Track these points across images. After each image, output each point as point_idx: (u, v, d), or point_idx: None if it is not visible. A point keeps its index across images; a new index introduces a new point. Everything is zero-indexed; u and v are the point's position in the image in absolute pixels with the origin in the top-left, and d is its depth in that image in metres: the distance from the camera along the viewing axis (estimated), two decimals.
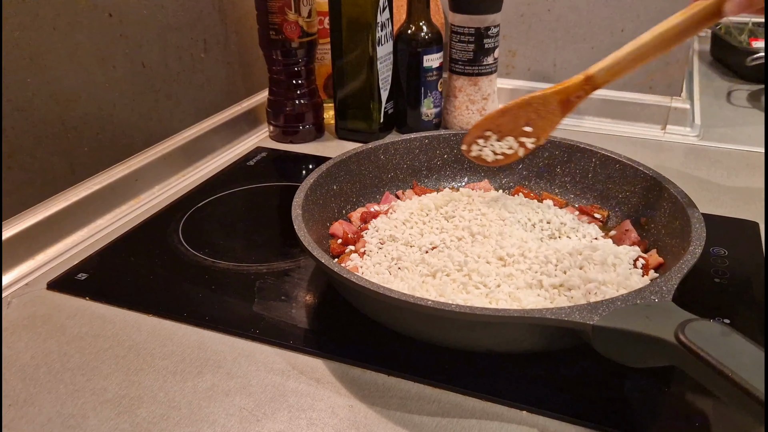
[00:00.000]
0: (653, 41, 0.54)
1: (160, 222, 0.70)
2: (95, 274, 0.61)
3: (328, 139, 0.93)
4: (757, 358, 0.36)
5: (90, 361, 0.50)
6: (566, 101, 0.60)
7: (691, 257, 0.48)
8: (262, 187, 0.78)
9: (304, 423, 0.45)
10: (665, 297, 0.43)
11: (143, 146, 0.78)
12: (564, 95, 0.60)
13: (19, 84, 0.62)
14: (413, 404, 0.46)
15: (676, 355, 0.37)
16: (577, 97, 0.59)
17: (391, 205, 0.65)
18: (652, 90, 0.94)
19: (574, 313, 0.41)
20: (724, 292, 0.56)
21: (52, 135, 0.66)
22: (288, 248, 0.64)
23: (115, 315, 0.56)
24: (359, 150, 0.67)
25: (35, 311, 0.56)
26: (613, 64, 0.56)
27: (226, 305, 0.56)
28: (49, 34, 0.64)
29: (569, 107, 0.60)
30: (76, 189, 0.69)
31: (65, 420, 0.45)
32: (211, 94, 0.89)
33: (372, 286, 0.45)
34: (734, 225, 0.67)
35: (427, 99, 0.89)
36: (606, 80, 0.57)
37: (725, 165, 0.83)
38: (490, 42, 0.85)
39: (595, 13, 0.92)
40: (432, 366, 0.49)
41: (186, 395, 0.47)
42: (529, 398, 0.46)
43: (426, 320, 0.46)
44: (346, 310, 0.53)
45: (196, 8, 0.83)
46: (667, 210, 0.58)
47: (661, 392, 0.46)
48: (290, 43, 0.84)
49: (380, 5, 0.82)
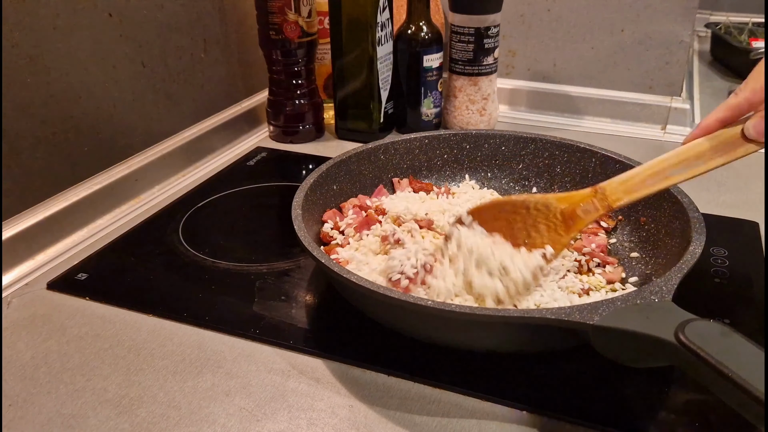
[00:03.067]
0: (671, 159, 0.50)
1: (160, 222, 0.70)
2: (95, 274, 0.61)
3: (328, 139, 0.93)
4: (757, 358, 0.36)
5: (90, 361, 0.50)
6: (572, 214, 0.52)
7: (691, 257, 0.48)
8: (262, 187, 0.78)
9: (304, 423, 0.45)
10: (665, 297, 0.43)
11: (143, 146, 0.78)
12: (568, 204, 0.52)
13: (19, 84, 0.61)
14: (413, 404, 0.46)
15: (676, 355, 0.37)
16: (585, 212, 0.51)
17: (381, 200, 0.66)
18: (652, 90, 0.94)
19: (574, 313, 0.41)
20: (724, 292, 0.57)
21: (52, 135, 0.66)
22: (288, 248, 0.64)
23: (115, 315, 0.56)
24: (359, 150, 0.67)
25: (35, 311, 0.56)
26: (627, 178, 0.51)
27: (226, 305, 0.56)
28: (49, 34, 0.64)
29: (575, 224, 0.52)
30: (76, 189, 0.69)
31: (65, 420, 0.45)
32: (211, 94, 0.89)
33: (372, 286, 0.45)
34: (734, 225, 0.67)
35: (427, 99, 0.89)
36: (620, 197, 0.51)
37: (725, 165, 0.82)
38: (490, 42, 0.85)
39: (595, 13, 0.92)
40: (432, 366, 0.49)
41: (186, 395, 0.47)
42: (529, 398, 0.46)
43: (426, 320, 0.46)
44: (346, 310, 0.53)
45: (196, 8, 0.83)
46: (667, 210, 0.58)
47: (661, 392, 0.46)
48: (290, 43, 0.84)
49: (380, 5, 0.82)
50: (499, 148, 0.71)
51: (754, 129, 0.47)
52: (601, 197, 0.52)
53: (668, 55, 0.91)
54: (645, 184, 0.51)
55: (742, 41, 1.20)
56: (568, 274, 0.56)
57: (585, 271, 0.57)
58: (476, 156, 0.72)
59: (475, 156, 0.72)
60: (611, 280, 0.56)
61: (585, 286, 0.54)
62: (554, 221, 0.52)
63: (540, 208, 0.53)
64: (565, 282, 0.54)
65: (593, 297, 0.53)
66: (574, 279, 0.55)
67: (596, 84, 0.97)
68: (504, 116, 0.98)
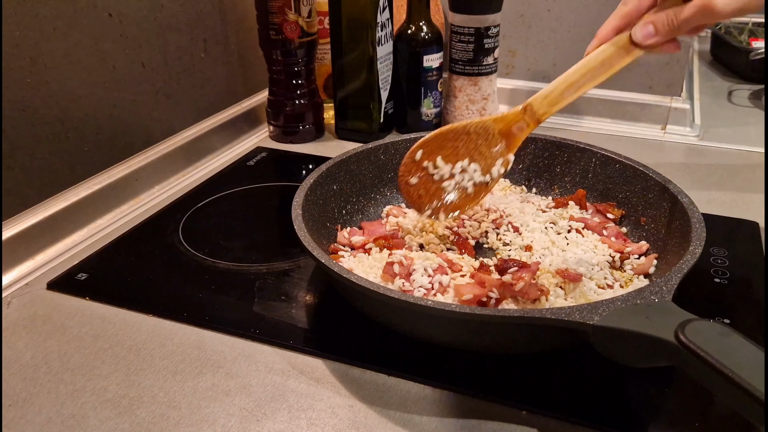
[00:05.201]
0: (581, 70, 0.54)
1: (160, 222, 0.70)
2: (95, 274, 0.61)
3: (328, 139, 0.93)
4: (757, 358, 0.36)
5: (90, 361, 0.50)
6: (508, 133, 0.57)
7: (691, 257, 0.48)
8: (262, 187, 0.78)
9: (304, 423, 0.45)
10: (665, 297, 0.43)
11: (143, 146, 0.78)
12: (503, 124, 0.57)
13: (19, 84, 0.62)
14: (413, 404, 0.46)
15: (676, 355, 0.37)
16: (519, 129, 0.56)
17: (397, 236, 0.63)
18: (652, 90, 0.94)
19: (574, 313, 0.41)
20: (724, 292, 0.56)
21: (52, 135, 0.66)
22: (288, 248, 0.64)
23: (115, 315, 0.56)
24: (359, 150, 0.67)
25: (35, 311, 0.56)
26: (548, 92, 0.55)
27: (226, 305, 0.56)
28: (49, 34, 0.64)
29: (513, 141, 0.57)
30: (76, 189, 0.69)
31: (65, 420, 0.45)
32: (211, 94, 0.89)
33: (372, 286, 0.45)
34: (734, 225, 0.67)
35: (427, 99, 0.89)
36: (546, 110, 0.55)
37: (725, 165, 0.83)
38: (490, 42, 0.85)
39: (595, 13, 0.92)
40: (432, 366, 0.49)
41: (186, 395, 0.47)
42: (529, 398, 0.46)
43: (426, 320, 0.46)
44: (346, 310, 0.53)
45: (196, 8, 0.83)
46: (667, 210, 0.58)
47: (661, 392, 0.46)
48: (290, 43, 0.84)
49: (380, 5, 0.82)
50: None
51: (640, 33, 0.51)
52: (530, 113, 0.56)
53: (668, 55, 0.91)
54: (563, 95, 0.54)
55: (742, 41, 1.20)
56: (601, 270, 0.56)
57: (617, 267, 0.58)
58: None
59: None
60: (641, 272, 0.56)
61: (611, 281, 0.55)
62: (494, 141, 0.57)
63: (479, 131, 0.57)
64: (595, 273, 0.56)
65: (605, 294, 0.53)
66: (607, 273, 0.56)
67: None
68: None
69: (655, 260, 0.57)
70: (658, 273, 0.56)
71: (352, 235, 0.61)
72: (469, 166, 0.57)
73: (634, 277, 0.56)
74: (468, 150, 0.58)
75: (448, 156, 0.58)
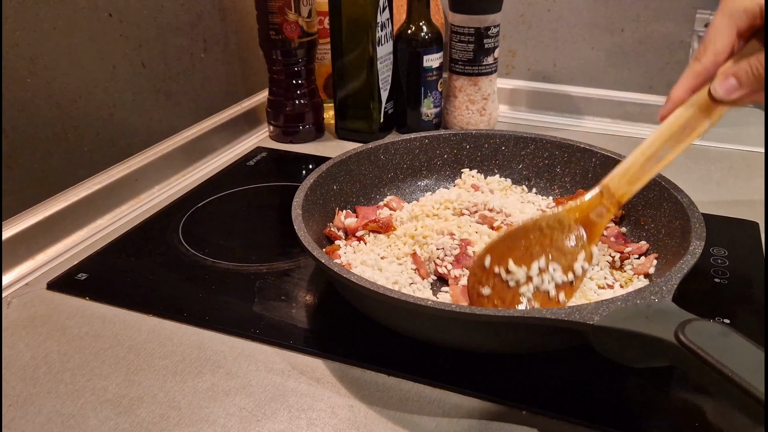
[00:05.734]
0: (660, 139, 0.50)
1: (160, 222, 0.70)
2: (95, 274, 0.61)
3: (328, 139, 0.93)
4: (757, 358, 0.36)
5: (90, 361, 0.50)
6: (587, 221, 0.51)
7: (691, 257, 0.48)
8: (262, 187, 0.78)
9: (304, 423, 0.45)
10: (665, 297, 0.43)
11: (143, 146, 0.78)
12: (580, 213, 0.51)
13: (19, 84, 0.62)
14: (413, 404, 0.46)
15: (676, 355, 0.37)
16: (599, 215, 0.51)
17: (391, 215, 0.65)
18: (652, 90, 0.94)
19: (574, 313, 0.41)
20: (724, 292, 0.56)
21: (52, 135, 0.66)
22: (288, 248, 0.64)
23: (115, 315, 0.56)
24: (359, 150, 0.67)
25: (35, 311, 0.56)
26: (625, 169, 0.51)
27: (226, 305, 0.56)
28: (49, 34, 0.64)
29: (594, 230, 0.51)
30: (76, 189, 0.69)
31: (65, 420, 0.45)
32: (211, 94, 0.89)
33: (372, 286, 0.45)
34: (734, 225, 0.67)
35: (427, 99, 0.89)
36: (625, 191, 0.51)
37: (725, 165, 0.83)
38: (490, 42, 0.85)
39: (595, 13, 0.92)
40: (432, 366, 0.49)
41: (186, 395, 0.47)
42: (529, 398, 0.46)
43: (426, 320, 0.46)
44: (346, 310, 0.53)
45: (196, 8, 0.83)
46: (667, 210, 0.58)
47: (661, 392, 0.46)
48: (290, 43, 0.84)
49: (380, 5, 0.82)
50: (499, 148, 0.71)
51: (722, 88, 0.47)
52: (609, 196, 0.51)
53: (668, 55, 0.91)
54: (644, 170, 0.51)
55: None
56: (601, 270, 0.57)
57: (617, 267, 0.58)
58: (476, 156, 0.72)
59: (475, 156, 0.72)
60: (641, 272, 0.56)
61: (611, 281, 0.55)
62: (571, 233, 0.51)
63: (553, 225, 0.51)
64: (595, 273, 0.56)
65: (605, 294, 0.53)
66: (607, 273, 0.56)
67: (596, 84, 0.97)
68: (504, 116, 0.98)
69: (655, 260, 0.57)
70: (658, 273, 0.56)
71: (347, 218, 0.63)
72: (547, 266, 0.50)
73: (634, 277, 0.56)
74: (543, 247, 0.51)
75: (520, 258, 0.51)
